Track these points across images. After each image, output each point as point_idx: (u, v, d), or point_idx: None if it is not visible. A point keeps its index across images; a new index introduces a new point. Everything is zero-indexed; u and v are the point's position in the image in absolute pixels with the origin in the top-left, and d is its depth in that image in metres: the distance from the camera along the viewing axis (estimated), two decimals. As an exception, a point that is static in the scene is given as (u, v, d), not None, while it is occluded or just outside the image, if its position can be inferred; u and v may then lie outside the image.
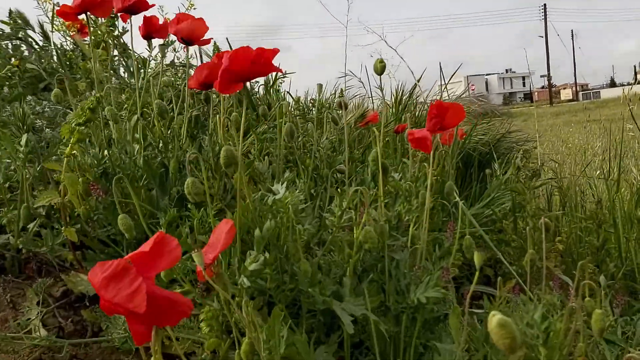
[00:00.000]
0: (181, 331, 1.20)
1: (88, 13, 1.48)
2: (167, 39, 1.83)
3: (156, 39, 1.53)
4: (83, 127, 1.20)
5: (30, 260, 1.37)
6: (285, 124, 1.40)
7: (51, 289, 1.32)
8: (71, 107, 1.98)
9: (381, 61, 1.27)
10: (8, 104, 1.97)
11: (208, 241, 0.93)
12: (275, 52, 1.08)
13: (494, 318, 0.57)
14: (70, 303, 1.33)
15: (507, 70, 57.75)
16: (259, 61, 1.04)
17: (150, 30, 1.50)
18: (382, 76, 1.30)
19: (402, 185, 1.39)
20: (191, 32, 1.39)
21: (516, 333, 0.57)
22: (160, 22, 1.56)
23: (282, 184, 1.09)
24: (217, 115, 1.31)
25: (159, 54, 1.71)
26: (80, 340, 1.22)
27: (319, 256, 1.21)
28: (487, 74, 56.74)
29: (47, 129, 1.77)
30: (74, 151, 1.25)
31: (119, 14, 1.56)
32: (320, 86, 1.64)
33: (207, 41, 1.47)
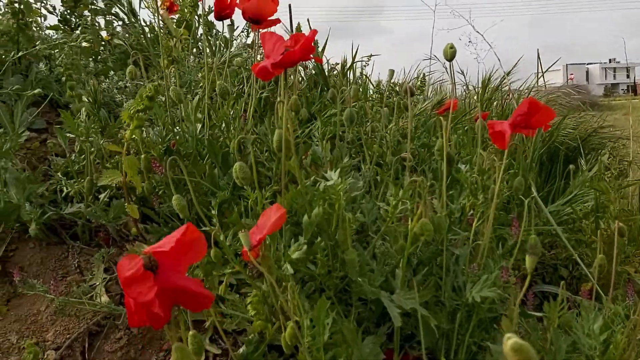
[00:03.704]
0: (234, 309, 1.22)
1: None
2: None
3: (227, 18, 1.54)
4: (142, 114, 1.23)
5: (100, 230, 1.44)
6: (352, 108, 1.37)
7: (117, 257, 1.38)
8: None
9: (451, 46, 1.22)
10: (95, 77, 2.07)
11: (257, 222, 0.93)
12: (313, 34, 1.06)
13: (509, 341, 0.53)
14: (133, 272, 1.39)
15: (610, 60, 54.29)
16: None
17: (221, 9, 1.50)
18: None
19: (468, 178, 1.33)
20: (258, 11, 1.38)
21: (533, 358, 0.53)
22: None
23: (335, 171, 1.08)
24: (279, 98, 1.31)
25: (239, 34, 1.73)
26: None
27: (373, 245, 1.19)
28: (588, 64, 53.56)
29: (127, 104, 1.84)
30: (134, 135, 1.27)
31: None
32: (392, 72, 1.60)
33: (276, 21, 1.45)
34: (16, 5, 1.98)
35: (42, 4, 2.19)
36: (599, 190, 2.07)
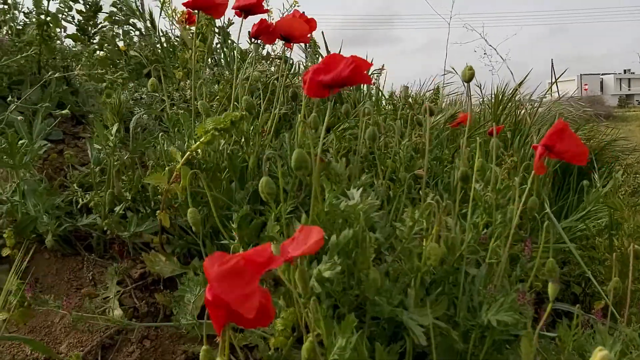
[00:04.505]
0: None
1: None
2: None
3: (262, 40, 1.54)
4: (217, 133, 1.23)
5: (114, 241, 1.46)
6: (367, 125, 1.38)
7: (130, 270, 1.39)
8: (168, 95, 2.07)
9: (470, 68, 1.22)
10: (111, 87, 2.09)
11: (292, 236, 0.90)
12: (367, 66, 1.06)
13: (600, 352, 0.55)
14: (147, 285, 1.40)
15: (625, 71, 53.79)
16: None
17: (261, 31, 1.50)
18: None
19: (481, 196, 1.33)
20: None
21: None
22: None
23: (357, 190, 1.08)
24: (299, 114, 1.34)
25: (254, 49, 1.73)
26: (150, 324, 1.28)
27: (389, 264, 1.19)
28: (602, 74, 53.07)
29: (144, 116, 1.86)
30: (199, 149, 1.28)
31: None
32: (406, 88, 1.61)
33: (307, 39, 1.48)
34: (42, 16, 2.00)
35: (64, 16, 2.21)
36: (613, 207, 2.06)
